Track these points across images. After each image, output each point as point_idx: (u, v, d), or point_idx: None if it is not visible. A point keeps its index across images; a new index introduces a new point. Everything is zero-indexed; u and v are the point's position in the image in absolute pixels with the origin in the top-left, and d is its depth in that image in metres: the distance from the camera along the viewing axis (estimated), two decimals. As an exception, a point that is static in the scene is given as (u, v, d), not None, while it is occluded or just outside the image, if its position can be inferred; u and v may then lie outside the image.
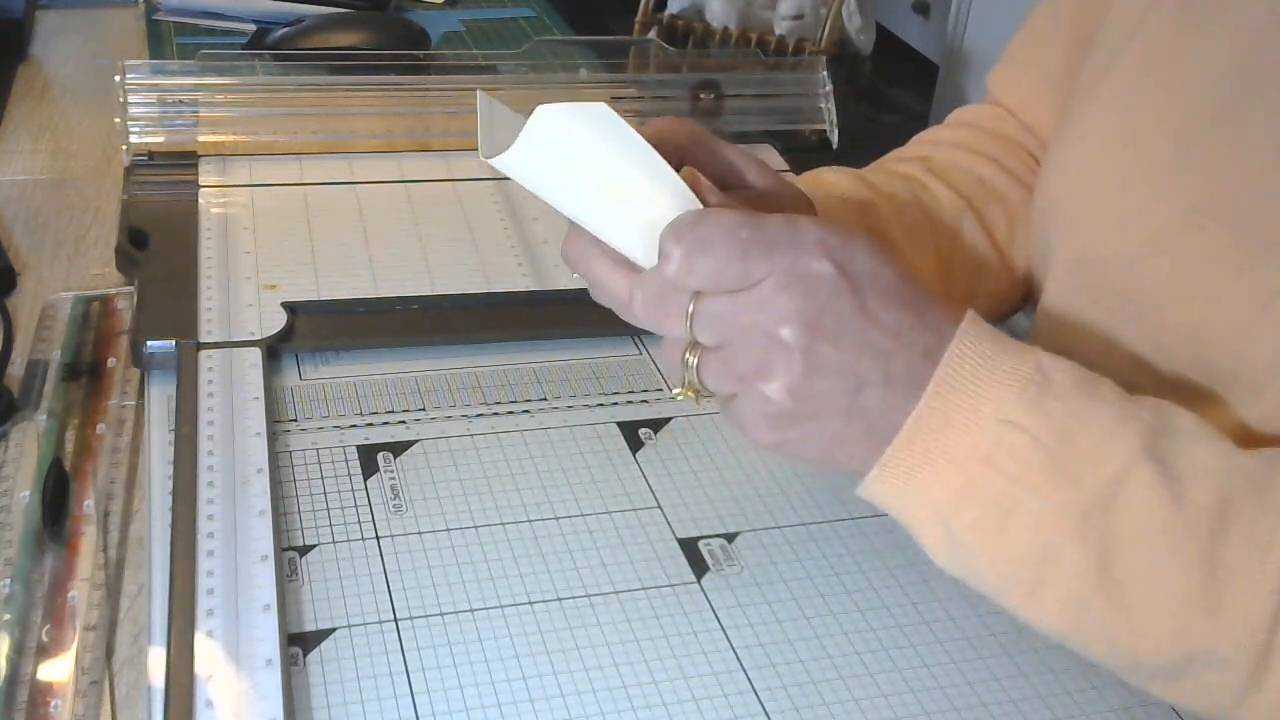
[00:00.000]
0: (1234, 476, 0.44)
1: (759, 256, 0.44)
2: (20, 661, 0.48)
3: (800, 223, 0.45)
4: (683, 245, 0.44)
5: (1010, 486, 0.44)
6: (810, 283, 0.44)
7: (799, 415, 0.45)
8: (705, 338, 0.46)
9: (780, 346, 0.44)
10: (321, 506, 0.56)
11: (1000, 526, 0.45)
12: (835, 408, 0.45)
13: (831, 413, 0.45)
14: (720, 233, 0.44)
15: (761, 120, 0.96)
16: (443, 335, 0.69)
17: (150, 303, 0.67)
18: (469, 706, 0.47)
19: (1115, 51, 0.59)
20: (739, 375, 0.46)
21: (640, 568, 0.54)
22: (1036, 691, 0.50)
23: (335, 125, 0.88)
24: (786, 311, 0.44)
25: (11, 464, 0.58)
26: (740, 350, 0.45)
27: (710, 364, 0.46)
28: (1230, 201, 0.52)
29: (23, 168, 0.88)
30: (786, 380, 0.45)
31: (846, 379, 0.45)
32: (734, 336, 0.45)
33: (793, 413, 0.45)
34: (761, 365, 0.45)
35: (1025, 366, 0.45)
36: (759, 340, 0.45)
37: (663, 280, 0.45)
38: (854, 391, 0.45)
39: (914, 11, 2.69)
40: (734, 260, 0.44)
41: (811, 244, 0.44)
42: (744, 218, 0.45)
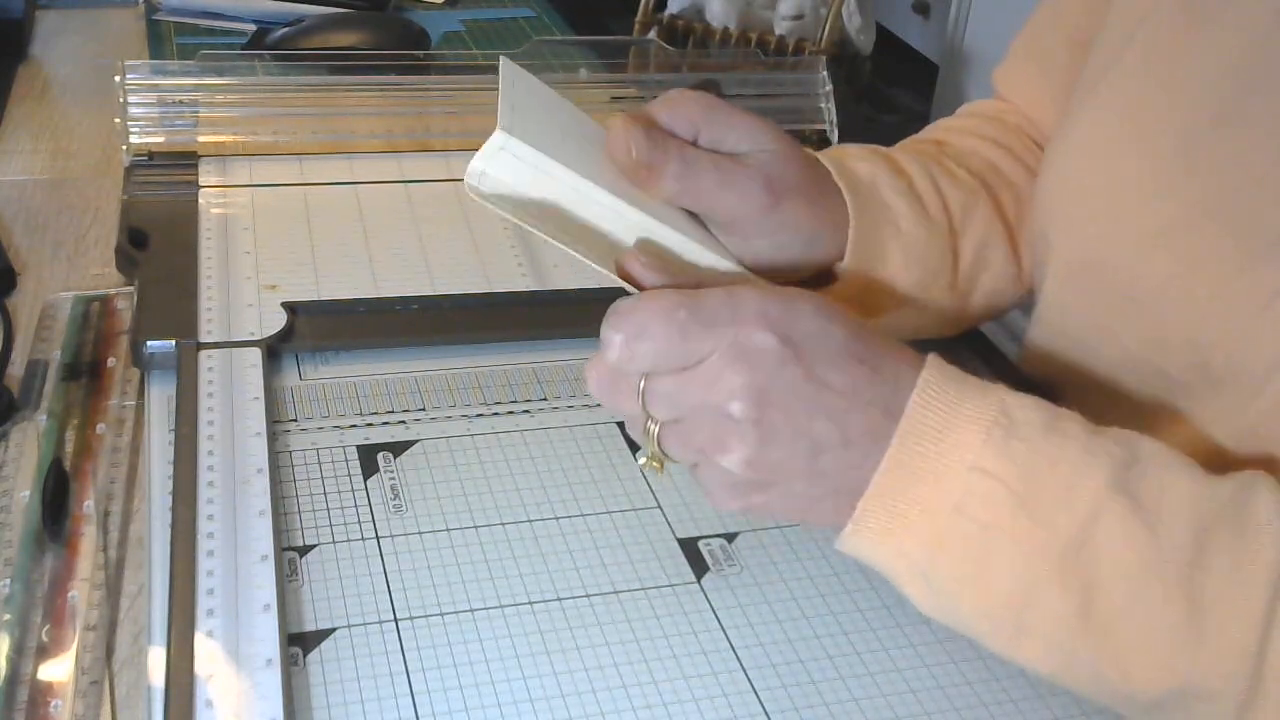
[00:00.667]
0: (1207, 504, 0.44)
1: (699, 335, 0.44)
2: (20, 661, 0.48)
3: (739, 295, 0.45)
4: (621, 332, 0.45)
5: (984, 534, 0.44)
6: (754, 356, 0.44)
7: (760, 483, 0.46)
8: (659, 414, 0.46)
9: (731, 421, 0.45)
10: (321, 506, 0.56)
11: (978, 574, 0.45)
12: (795, 472, 0.46)
13: (792, 478, 0.46)
14: (657, 316, 0.45)
15: (761, 120, 0.96)
16: (443, 335, 0.69)
17: (150, 303, 0.67)
18: (469, 706, 0.47)
19: (1116, 51, 0.59)
20: (697, 448, 0.46)
21: (640, 568, 0.54)
22: (1036, 691, 0.50)
23: (335, 125, 0.88)
24: (733, 387, 0.44)
25: (11, 464, 0.58)
26: (694, 425, 0.46)
27: (669, 437, 0.47)
28: (1230, 201, 0.52)
29: (23, 168, 0.88)
30: (741, 453, 0.45)
31: (802, 445, 0.45)
32: (686, 413, 0.46)
33: (753, 481, 0.46)
34: (715, 440, 0.45)
35: (989, 409, 0.45)
36: (710, 416, 0.45)
37: (608, 364, 0.46)
38: (812, 456, 0.45)
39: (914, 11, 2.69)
40: (674, 342, 0.45)
41: (751, 317, 0.45)
42: (681, 298, 0.45)
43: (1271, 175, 0.51)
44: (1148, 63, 0.57)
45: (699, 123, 0.54)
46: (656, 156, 0.52)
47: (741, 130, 0.54)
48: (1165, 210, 0.54)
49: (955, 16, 2.41)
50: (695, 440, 0.46)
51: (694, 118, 0.54)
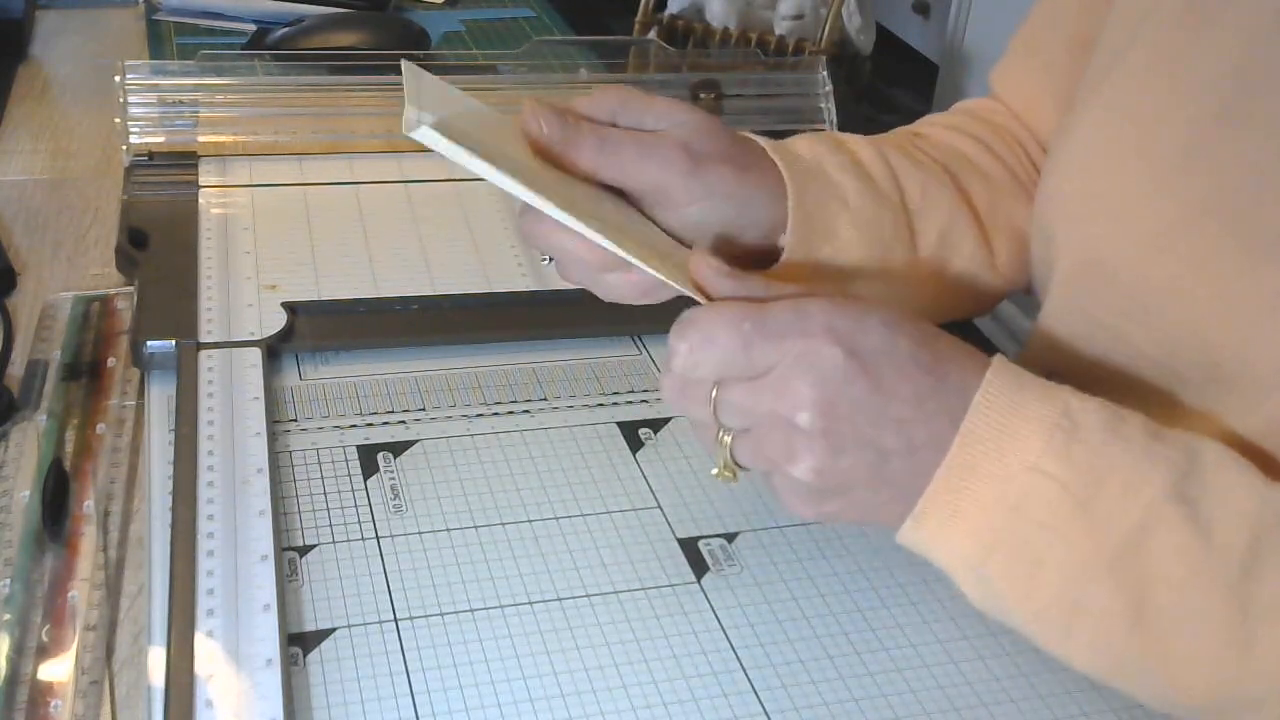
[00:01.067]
0: (1264, 513, 0.44)
1: (765, 346, 0.45)
2: (20, 661, 0.48)
3: (806, 307, 0.46)
4: (686, 341, 0.46)
5: (1040, 534, 0.45)
6: (820, 369, 0.45)
7: (831, 491, 0.47)
8: (730, 423, 0.47)
9: (800, 432, 0.45)
10: (321, 506, 0.56)
11: (1032, 573, 0.45)
12: (864, 480, 0.46)
13: (861, 484, 0.46)
14: (722, 326, 0.46)
15: (761, 120, 0.96)
16: (443, 335, 0.69)
17: (150, 303, 0.67)
18: (469, 706, 0.47)
19: (1118, 51, 0.59)
20: (767, 458, 0.47)
21: (640, 568, 0.54)
22: (1036, 691, 0.50)
23: (335, 125, 0.88)
24: (801, 398, 0.45)
25: (11, 464, 0.58)
26: (764, 435, 0.46)
27: (741, 446, 0.48)
28: (1235, 200, 0.52)
29: (23, 168, 0.88)
30: (811, 463, 0.46)
31: (871, 454, 0.46)
32: (756, 423, 0.46)
33: (824, 489, 0.47)
34: (786, 450, 0.46)
35: (1052, 411, 0.46)
36: (780, 426, 0.46)
37: (676, 371, 0.47)
38: (880, 464, 0.46)
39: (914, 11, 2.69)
40: (738, 352, 0.45)
41: (818, 329, 0.45)
42: (746, 310, 0.46)
43: (1275, 175, 0.51)
44: (1150, 63, 0.57)
45: (615, 108, 0.55)
46: (570, 133, 0.53)
47: (659, 110, 0.55)
48: (1169, 210, 0.54)
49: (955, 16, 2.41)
50: (765, 450, 0.47)
51: (610, 105, 0.55)
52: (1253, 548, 0.44)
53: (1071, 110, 0.62)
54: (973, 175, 0.66)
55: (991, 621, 0.53)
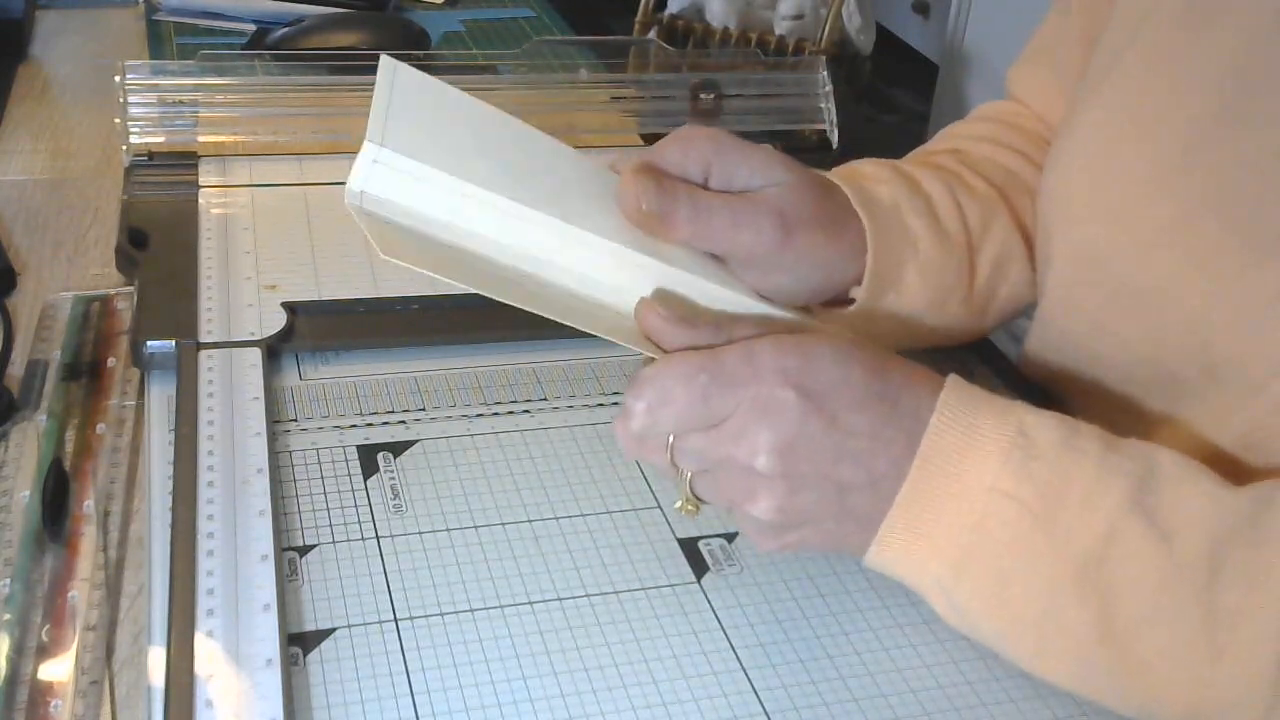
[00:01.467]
0: (1223, 519, 0.44)
1: (721, 396, 0.46)
2: (20, 661, 0.48)
3: (757, 352, 0.46)
4: (644, 400, 0.47)
5: (1003, 553, 0.45)
6: (775, 412, 0.45)
7: (792, 525, 0.47)
8: (689, 468, 0.48)
9: (758, 475, 0.46)
10: (321, 506, 0.56)
11: (998, 592, 0.46)
12: (825, 514, 0.47)
13: (822, 518, 0.47)
14: (679, 382, 0.46)
15: (761, 120, 0.96)
16: (443, 335, 0.69)
17: (150, 303, 0.67)
18: (469, 706, 0.47)
19: (1118, 50, 0.59)
20: (728, 498, 0.48)
21: (640, 568, 0.54)
22: (1036, 691, 0.50)
23: (335, 125, 0.88)
24: (758, 443, 0.45)
25: (11, 464, 0.58)
26: (723, 478, 0.47)
27: (700, 485, 0.48)
28: (1234, 198, 0.52)
29: (23, 168, 0.88)
30: (771, 502, 0.46)
31: (830, 489, 0.46)
32: (714, 467, 0.47)
33: (785, 524, 0.47)
34: (745, 491, 0.47)
35: (1007, 430, 0.46)
36: (738, 470, 0.46)
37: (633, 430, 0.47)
38: (840, 498, 0.46)
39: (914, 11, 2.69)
40: (697, 405, 0.46)
41: (769, 374, 0.46)
42: (700, 361, 0.46)
43: (1274, 173, 0.51)
44: (1150, 61, 0.57)
45: (710, 160, 0.54)
46: (666, 205, 0.52)
47: (753, 165, 0.55)
48: (1168, 208, 0.54)
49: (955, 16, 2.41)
50: (726, 491, 0.48)
51: (705, 156, 0.54)
52: (1214, 554, 0.44)
53: (1072, 109, 0.62)
54: (1023, 193, 0.67)
55: (991, 621, 0.53)
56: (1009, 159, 0.69)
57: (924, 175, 0.63)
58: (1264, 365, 0.50)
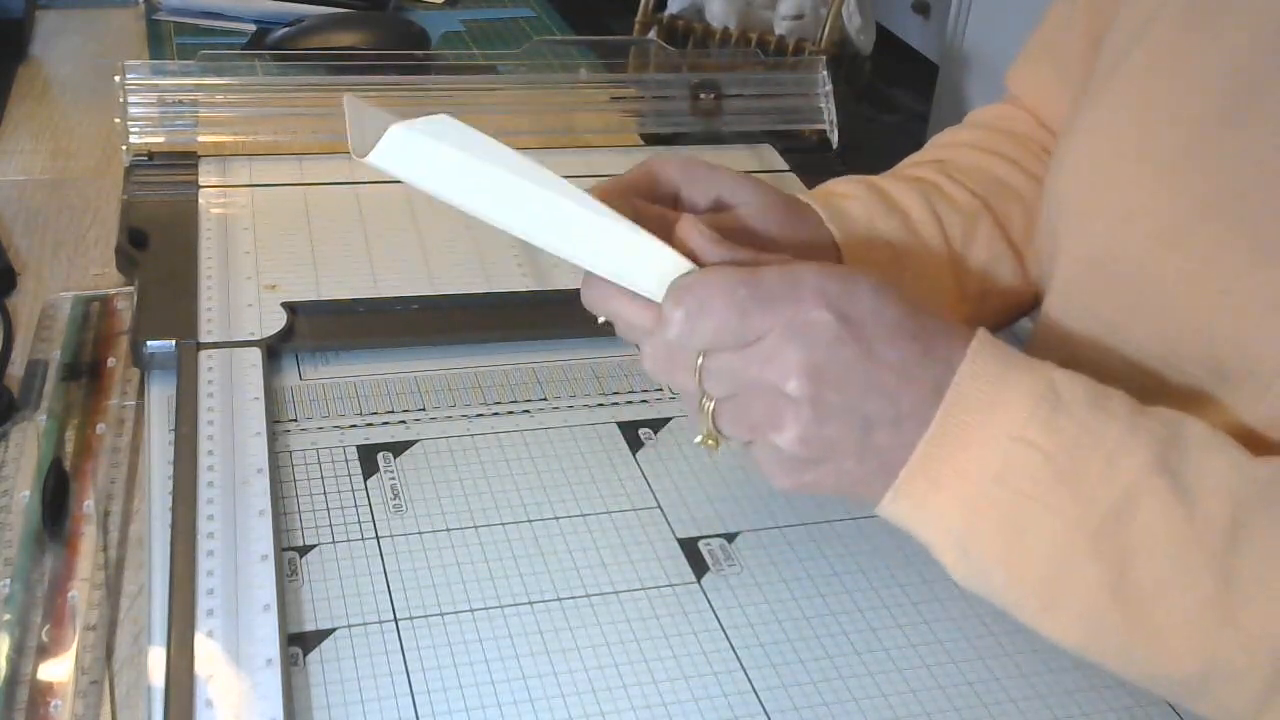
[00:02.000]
0: (1246, 487, 0.44)
1: (759, 313, 0.45)
2: (20, 661, 0.48)
3: (798, 273, 0.46)
4: (682, 308, 0.46)
5: (1024, 503, 0.45)
6: (811, 334, 0.45)
7: (813, 460, 0.46)
8: (715, 391, 0.47)
9: (787, 399, 0.45)
10: (321, 506, 0.56)
11: (1015, 543, 0.45)
12: (848, 450, 0.46)
13: (844, 454, 0.46)
14: (718, 293, 0.45)
15: (761, 120, 0.96)
16: (443, 335, 0.69)
17: (150, 303, 0.67)
18: (469, 706, 0.47)
19: (1124, 51, 0.59)
20: (751, 425, 0.47)
21: (640, 568, 0.54)
22: (1036, 691, 0.50)
23: (335, 125, 0.88)
24: (790, 364, 0.45)
25: (11, 464, 0.58)
26: (750, 402, 0.46)
27: (724, 414, 0.47)
28: (1241, 199, 0.52)
29: (23, 168, 0.88)
30: (796, 430, 0.45)
31: (856, 422, 0.45)
32: (742, 390, 0.46)
33: (806, 458, 0.46)
34: (771, 417, 0.46)
35: (1038, 384, 0.46)
36: (766, 393, 0.46)
37: (667, 340, 0.46)
38: (865, 432, 0.46)
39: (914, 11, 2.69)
40: (734, 319, 0.45)
41: (810, 294, 0.45)
42: (741, 275, 0.45)
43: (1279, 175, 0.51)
44: (1155, 61, 0.57)
45: (679, 184, 0.55)
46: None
47: (722, 187, 0.55)
48: (1175, 208, 0.54)
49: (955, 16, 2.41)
50: (750, 417, 0.46)
51: (674, 180, 0.55)
52: (1235, 519, 0.44)
53: (1077, 109, 0.62)
54: (1009, 200, 0.67)
55: (992, 621, 0.53)
56: (996, 166, 0.69)
57: (899, 190, 0.64)
58: (1272, 365, 0.50)
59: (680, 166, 0.55)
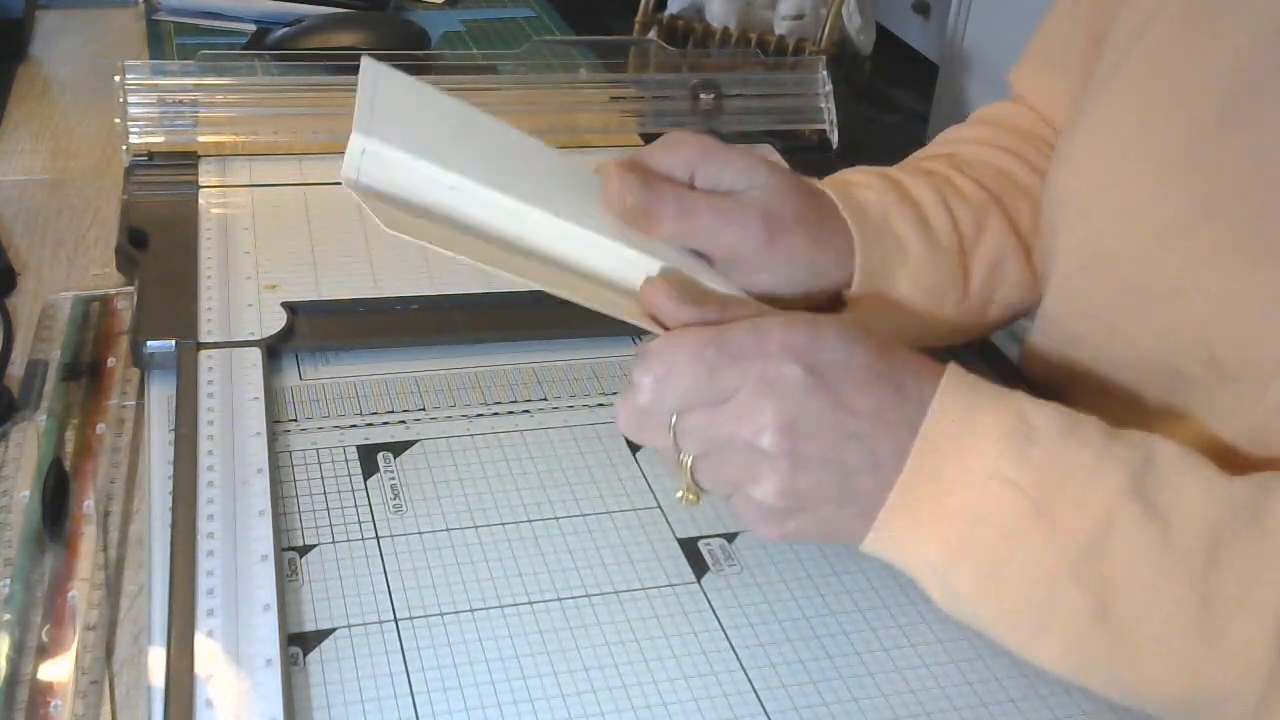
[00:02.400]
0: (1221, 507, 0.44)
1: (727, 371, 0.45)
2: (20, 661, 0.48)
3: (763, 327, 0.46)
4: (650, 374, 0.46)
5: (1001, 539, 0.45)
6: (781, 388, 0.45)
7: (793, 510, 0.47)
8: (691, 449, 0.47)
9: (762, 454, 0.46)
10: (321, 506, 0.56)
11: (996, 578, 0.46)
12: (827, 497, 0.46)
13: (824, 502, 0.47)
14: (686, 356, 0.46)
15: (761, 120, 0.96)
16: (443, 335, 0.69)
17: (150, 303, 0.67)
18: (469, 706, 0.47)
19: (1125, 49, 0.59)
20: (729, 480, 0.47)
21: (640, 568, 0.54)
22: (1036, 691, 0.50)
23: (335, 125, 0.88)
24: (762, 420, 0.45)
25: (11, 464, 0.58)
26: (726, 459, 0.47)
27: (702, 470, 0.48)
28: (1240, 197, 0.52)
29: (23, 168, 0.88)
30: (773, 484, 0.46)
31: (834, 470, 0.46)
32: (717, 447, 0.47)
33: (787, 509, 0.47)
34: (748, 471, 0.46)
35: (1007, 417, 0.46)
36: (742, 449, 0.46)
37: (639, 406, 0.47)
38: (843, 480, 0.46)
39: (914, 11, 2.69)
40: (703, 380, 0.46)
41: (776, 349, 0.45)
42: (707, 335, 0.46)
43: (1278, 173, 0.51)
44: (1155, 61, 0.57)
45: (694, 163, 0.55)
46: (653, 201, 0.53)
47: (737, 167, 0.55)
48: (1174, 207, 0.54)
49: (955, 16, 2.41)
50: (727, 473, 0.47)
51: (689, 159, 0.55)
52: (1212, 540, 0.44)
53: (1078, 108, 0.62)
54: (1018, 195, 0.67)
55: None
56: (1004, 161, 0.69)
57: (912, 181, 0.64)
58: (1270, 364, 0.50)
59: (697, 145, 0.55)
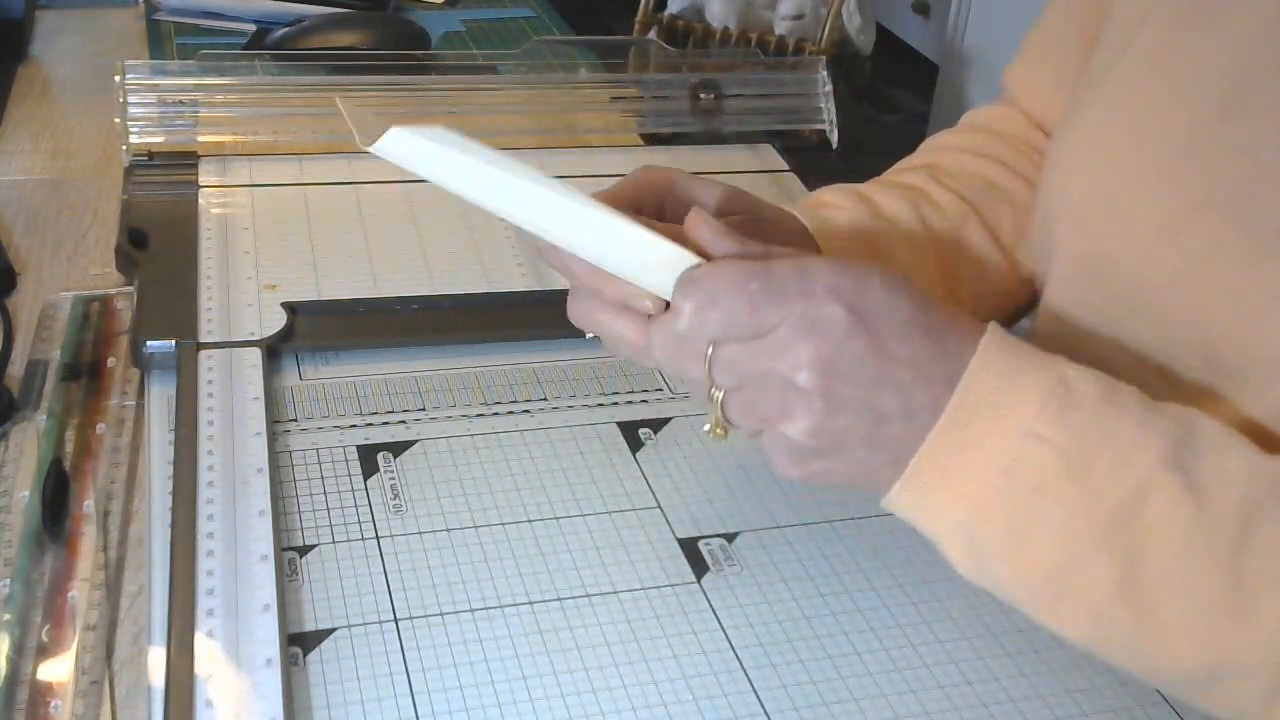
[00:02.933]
0: (1258, 483, 0.44)
1: (770, 306, 0.45)
2: (20, 661, 0.48)
3: (809, 266, 0.46)
4: (692, 300, 0.46)
5: (1032, 498, 0.45)
6: (823, 328, 0.45)
7: (822, 451, 0.46)
8: (725, 382, 0.47)
9: (798, 391, 0.45)
10: (321, 506, 0.56)
11: (1023, 538, 0.45)
12: (858, 441, 0.46)
13: (855, 445, 0.46)
14: (729, 286, 0.45)
15: (761, 120, 0.96)
16: (443, 335, 0.69)
17: (150, 303, 0.67)
18: (469, 706, 0.47)
19: (1120, 47, 0.59)
20: (761, 416, 0.46)
21: (640, 568, 0.54)
22: (1036, 691, 0.50)
23: (335, 125, 0.88)
24: (801, 358, 0.45)
25: (11, 464, 0.58)
26: (760, 394, 0.46)
27: (733, 404, 0.47)
28: (1240, 194, 0.52)
29: (23, 168, 0.88)
30: (807, 422, 0.45)
31: (867, 415, 0.45)
32: (752, 381, 0.46)
33: (816, 449, 0.46)
34: (781, 408, 0.46)
35: (1049, 379, 0.46)
36: (777, 385, 0.45)
37: (677, 331, 0.46)
38: (875, 425, 0.46)
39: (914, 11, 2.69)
40: (744, 312, 0.45)
41: (821, 289, 0.45)
42: (752, 269, 0.45)
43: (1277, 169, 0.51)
44: (1152, 56, 0.57)
45: (663, 196, 0.55)
46: None
47: (706, 200, 0.55)
48: (1172, 203, 0.54)
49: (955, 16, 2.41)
50: (760, 408, 0.46)
51: (659, 193, 0.55)
52: (1247, 517, 0.43)
53: (1072, 107, 0.62)
54: (999, 203, 0.67)
55: (991, 621, 0.53)
56: (987, 169, 0.69)
57: (886, 197, 0.64)
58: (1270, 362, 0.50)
59: (665, 179, 0.55)
